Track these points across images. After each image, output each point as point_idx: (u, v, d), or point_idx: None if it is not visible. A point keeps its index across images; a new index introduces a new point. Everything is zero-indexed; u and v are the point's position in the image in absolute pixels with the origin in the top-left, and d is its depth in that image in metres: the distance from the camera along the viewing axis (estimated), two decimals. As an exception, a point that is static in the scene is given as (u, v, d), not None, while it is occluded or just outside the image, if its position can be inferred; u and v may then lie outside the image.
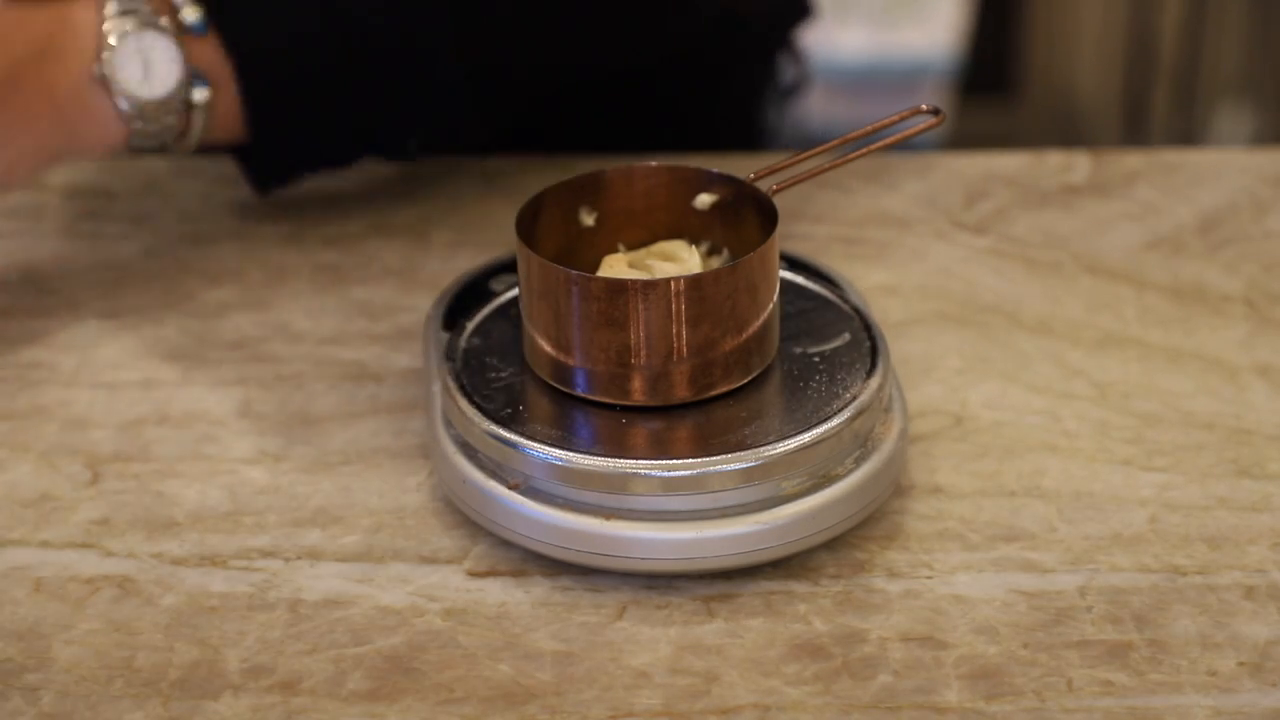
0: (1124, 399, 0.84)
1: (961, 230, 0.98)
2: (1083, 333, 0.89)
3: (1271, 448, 0.81)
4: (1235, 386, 0.85)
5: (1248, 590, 0.73)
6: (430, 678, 0.69)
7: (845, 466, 0.74)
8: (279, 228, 0.99)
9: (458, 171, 1.03)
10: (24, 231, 0.99)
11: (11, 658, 0.70)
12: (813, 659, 0.70)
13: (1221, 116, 2.26)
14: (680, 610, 0.72)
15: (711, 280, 0.73)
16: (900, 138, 0.82)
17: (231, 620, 0.72)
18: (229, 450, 0.82)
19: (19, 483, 0.80)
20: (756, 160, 0.86)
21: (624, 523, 0.72)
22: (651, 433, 0.73)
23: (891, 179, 1.02)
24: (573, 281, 0.73)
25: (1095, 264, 0.95)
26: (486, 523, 0.75)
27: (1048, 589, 0.73)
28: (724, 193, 0.79)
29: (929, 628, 0.71)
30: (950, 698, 0.68)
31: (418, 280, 0.94)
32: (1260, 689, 0.68)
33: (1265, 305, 0.91)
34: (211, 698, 0.68)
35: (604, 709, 0.68)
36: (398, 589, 0.74)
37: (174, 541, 0.76)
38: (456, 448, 0.75)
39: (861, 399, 0.74)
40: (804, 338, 0.79)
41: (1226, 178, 1.02)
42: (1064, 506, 0.77)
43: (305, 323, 0.91)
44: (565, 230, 0.79)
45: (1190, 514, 0.77)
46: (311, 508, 0.78)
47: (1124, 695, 0.68)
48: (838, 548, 0.75)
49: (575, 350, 0.74)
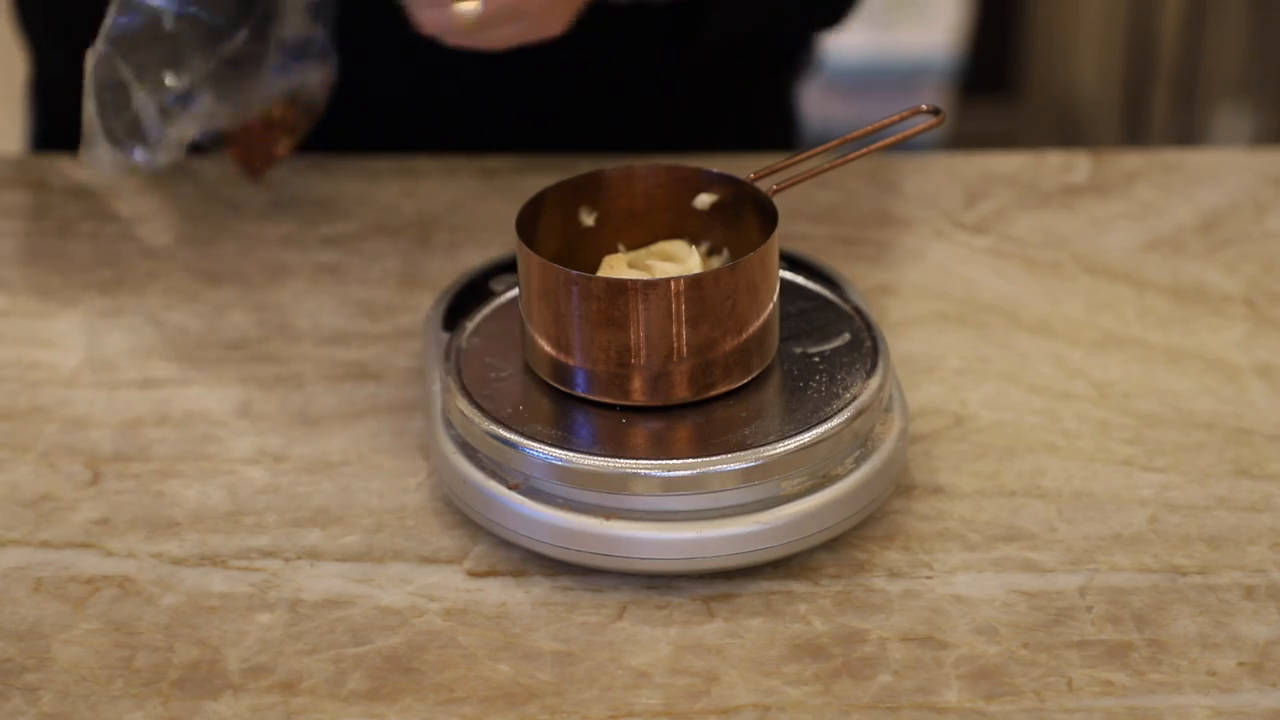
0: (1124, 399, 0.84)
1: (961, 230, 0.98)
2: (1083, 333, 0.89)
3: (1271, 448, 0.81)
4: (1235, 386, 0.85)
5: (1248, 590, 0.73)
6: (430, 678, 0.69)
7: (845, 466, 0.74)
8: (279, 228, 0.99)
9: (458, 171, 1.03)
10: (24, 231, 0.99)
11: (11, 658, 0.70)
12: (813, 659, 0.70)
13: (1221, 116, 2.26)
14: (680, 610, 0.72)
15: (711, 280, 0.73)
16: (900, 138, 0.82)
17: (231, 620, 0.72)
18: (229, 450, 0.82)
19: (19, 483, 0.80)
20: (756, 160, 0.86)
21: (624, 523, 0.72)
22: (651, 433, 0.73)
23: (891, 179, 1.02)
24: (573, 281, 0.73)
25: (1095, 264, 0.95)
26: (486, 523, 0.75)
27: (1048, 589, 0.73)
28: (724, 193, 0.79)
29: (929, 628, 0.71)
30: (950, 698, 0.68)
31: (418, 280, 0.94)
32: (1260, 689, 0.68)
33: (1265, 305, 0.91)
34: (211, 698, 0.68)
35: (604, 709, 0.68)
36: (398, 589, 0.74)
37: (174, 541, 0.76)
38: (456, 448, 0.75)
39: (861, 399, 0.74)
40: (804, 338, 0.79)
41: (1226, 178, 1.02)
42: (1064, 506, 0.77)
43: (305, 323, 0.91)
44: (565, 230, 0.79)
45: (1190, 514, 0.77)
46: (311, 508, 0.78)
47: (1124, 695, 0.68)
48: (838, 548, 0.75)
49: (575, 350, 0.74)
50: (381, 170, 1.04)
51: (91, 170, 0.95)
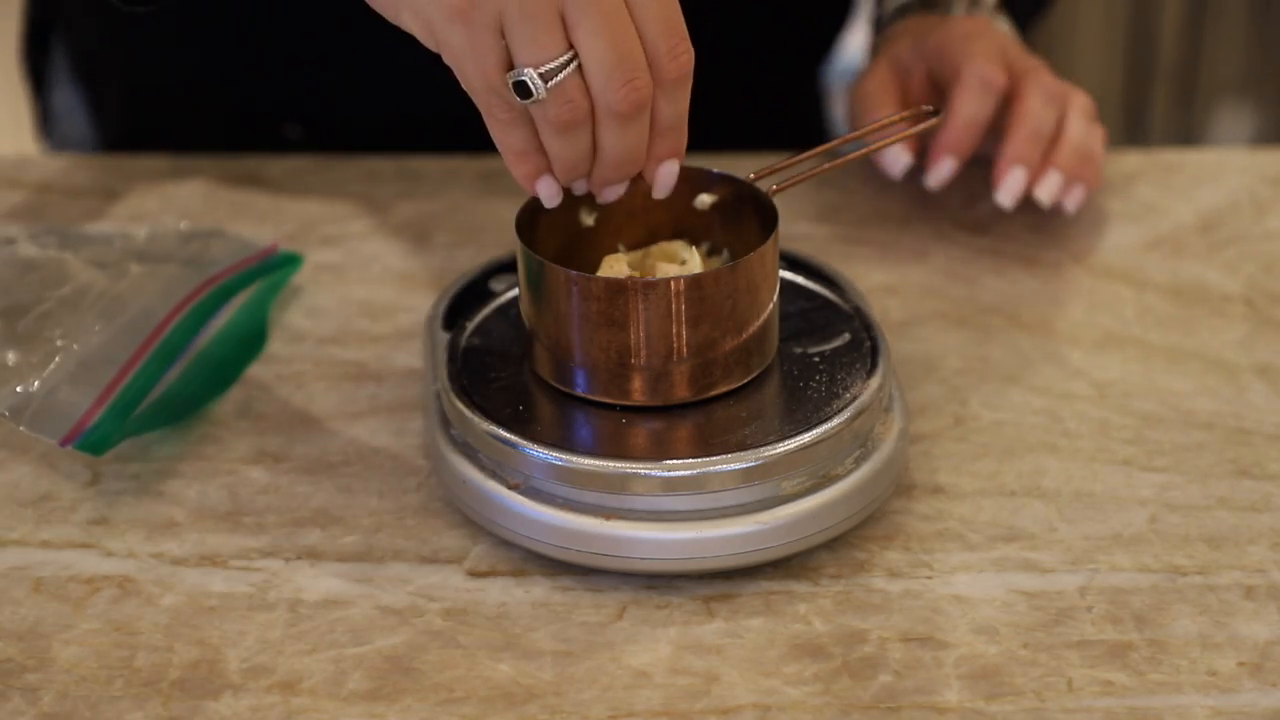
0: (1124, 399, 0.84)
1: (961, 230, 0.98)
2: (1083, 333, 0.89)
3: (1271, 448, 0.81)
4: (1235, 386, 0.85)
5: (1248, 590, 0.73)
6: (430, 678, 0.69)
7: (845, 466, 0.74)
8: (279, 228, 0.99)
9: (458, 171, 1.04)
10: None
11: (11, 658, 0.70)
12: (813, 659, 0.70)
13: (1221, 116, 2.26)
14: (680, 610, 0.72)
15: (711, 280, 0.73)
16: (900, 138, 0.82)
17: (231, 620, 0.72)
18: (229, 450, 0.82)
19: (19, 483, 0.80)
20: (756, 160, 0.86)
21: (624, 523, 0.72)
22: (651, 433, 0.73)
23: (891, 179, 1.02)
24: (573, 281, 0.73)
25: (1095, 264, 0.95)
26: (486, 523, 0.74)
27: (1048, 589, 0.73)
28: (724, 193, 0.79)
29: (929, 628, 0.71)
30: (950, 698, 0.68)
31: (418, 280, 0.94)
32: (1260, 689, 0.68)
33: (1265, 305, 0.91)
34: (211, 698, 0.68)
35: (604, 709, 0.68)
36: (398, 589, 0.74)
37: (174, 541, 0.76)
38: (456, 448, 0.75)
39: (861, 399, 0.74)
40: (804, 338, 0.78)
41: (1226, 178, 1.02)
42: (1064, 506, 0.77)
43: (305, 323, 0.91)
44: (565, 230, 0.79)
45: (1190, 514, 0.77)
46: (311, 508, 0.78)
47: (1124, 695, 0.68)
48: (838, 548, 0.75)
49: (575, 350, 0.74)
50: (381, 170, 1.04)
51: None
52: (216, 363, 0.85)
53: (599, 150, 0.72)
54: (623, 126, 0.71)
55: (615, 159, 0.72)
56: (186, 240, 0.92)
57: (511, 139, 0.72)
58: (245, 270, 0.89)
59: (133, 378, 0.81)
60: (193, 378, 0.84)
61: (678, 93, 0.72)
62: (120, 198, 1.02)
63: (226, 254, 0.90)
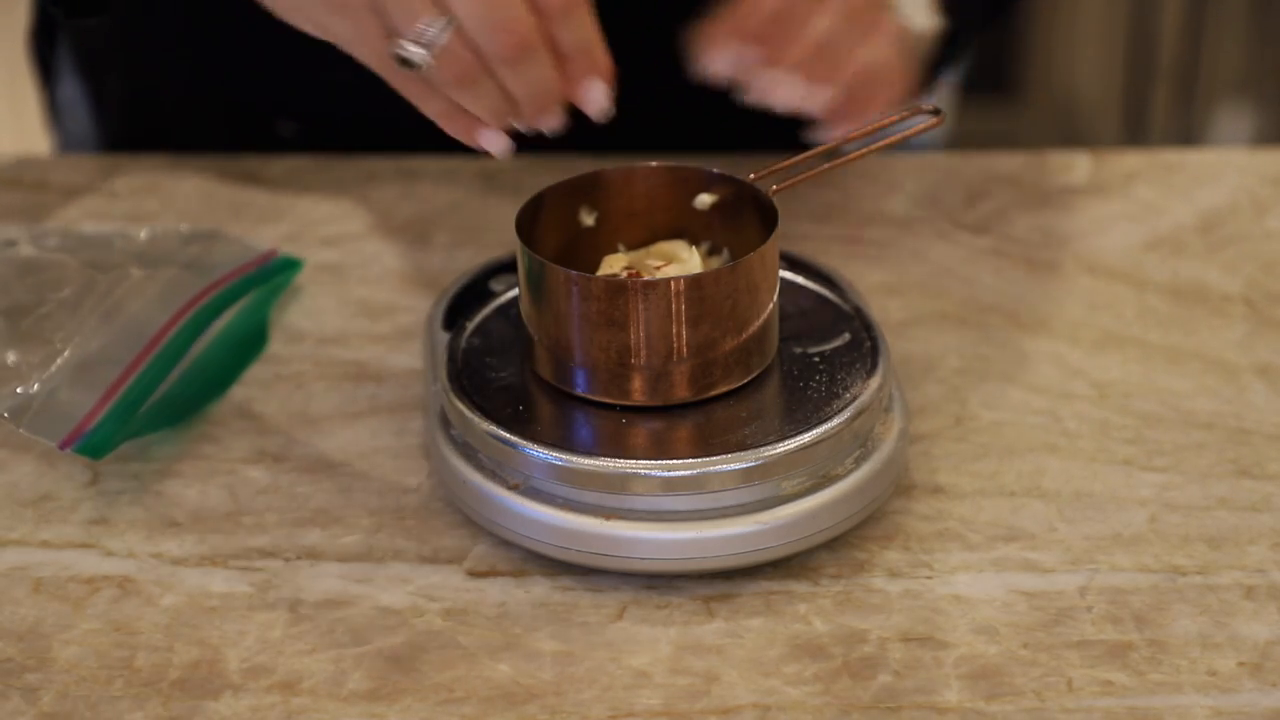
0: (1124, 399, 0.84)
1: (961, 230, 0.98)
2: (1083, 333, 0.89)
3: (1271, 448, 0.81)
4: (1235, 386, 0.85)
5: (1248, 590, 0.73)
6: (430, 678, 0.69)
7: (845, 466, 0.74)
8: (279, 228, 0.99)
9: (458, 171, 1.03)
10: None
11: (11, 658, 0.70)
12: (813, 659, 0.70)
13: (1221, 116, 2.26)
14: (680, 610, 0.72)
15: (711, 280, 0.73)
16: (900, 138, 0.82)
17: (231, 620, 0.72)
18: (229, 450, 0.82)
19: (19, 483, 0.80)
20: (756, 160, 0.86)
21: (624, 523, 0.72)
22: (651, 433, 0.73)
23: (891, 179, 1.02)
24: (573, 281, 0.73)
25: (1095, 264, 0.95)
26: (486, 523, 0.74)
27: (1048, 589, 0.73)
28: (724, 193, 0.79)
29: (929, 628, 0.71)
30: (950, 698, 0.68)
31: (418, 280, 0.94)
32: (1260, 689, 0.68)
33: (1265, 305, 0.91)
34: (211, 698, 0.68)
35: (604, 709, 0.68)
36: (398, 589, 0.74)
37: (174, 541, 0.76)
38: (456, 448, 0.75)
39: (861, 399, 0.74)
40: (804, 338, 0.78)
41: (1226, 178, 1.02)
42: (1064, 506, 0.77)
43: (305, 323, 0.91)
44: (565, 230, 0.79)
45: (1190, 514, 0.77)
46: (311, 508, 0.78)
47: (1124, 695, 0.68)
48: (838, 548, 0.75)
49: (575, 350, 0.74)
50: (381, 170, 1.04)
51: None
52: (217, 366, 0.85)
53: (510, 94, 0.72)
54: (515, 69, 0.71)
55: (528, 97, 0.72)
56: (186, 242, 0.92)
57: (431, 106, 0.73)
58: (246, 275, 0.89)
59: (134, 382, 0.81)
60: (192, 381, 0.84)
61: (571, 19, 0.71)
62: (120, 198, 1.02)
63: (227, 258, 0.90)
